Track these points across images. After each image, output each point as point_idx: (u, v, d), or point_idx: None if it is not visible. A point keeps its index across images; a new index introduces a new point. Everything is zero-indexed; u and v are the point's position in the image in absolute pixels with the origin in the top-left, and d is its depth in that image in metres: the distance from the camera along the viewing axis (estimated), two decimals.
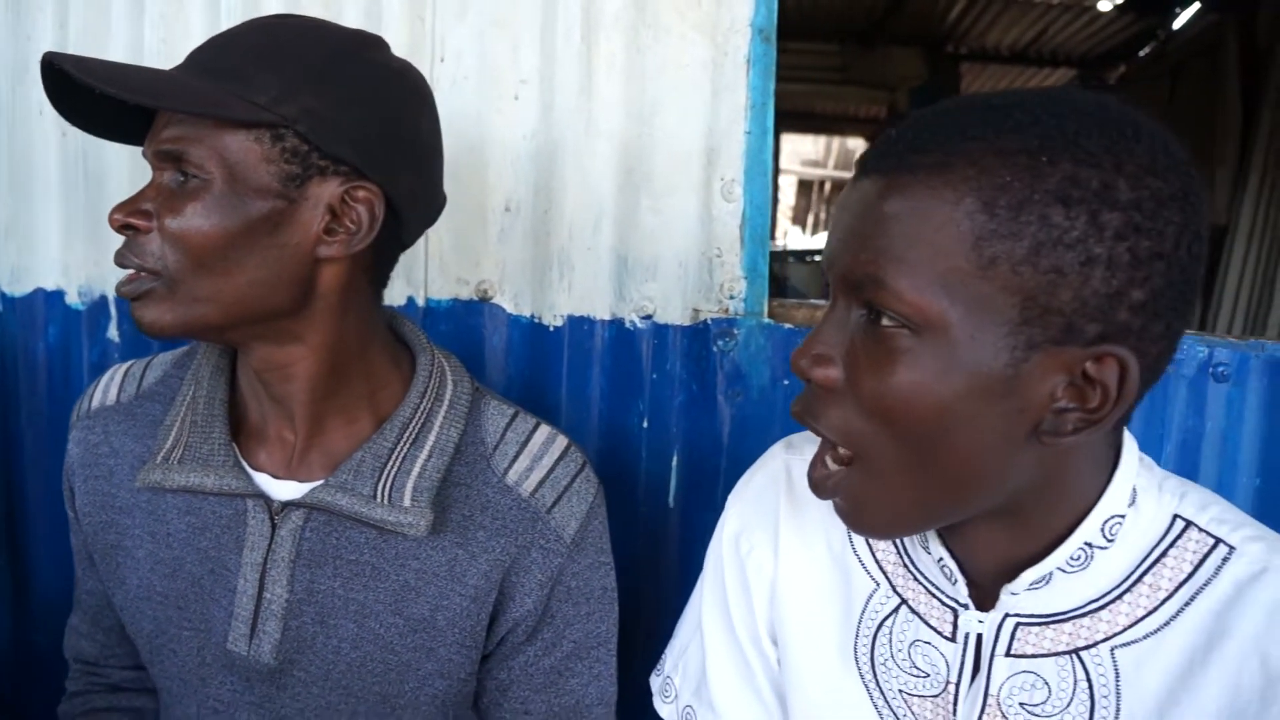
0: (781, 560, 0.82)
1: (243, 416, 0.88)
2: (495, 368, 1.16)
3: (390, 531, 0.83)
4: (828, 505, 0.74)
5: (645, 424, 1.13)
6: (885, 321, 0.61)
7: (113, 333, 1.27)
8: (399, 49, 1.11)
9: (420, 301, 1.16)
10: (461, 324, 1.15)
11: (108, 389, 0.94)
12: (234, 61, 0.76)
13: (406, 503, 0.81)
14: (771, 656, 0.84)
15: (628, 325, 1.12)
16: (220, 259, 0.74)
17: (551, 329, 1.13)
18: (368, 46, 0.81)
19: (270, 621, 0.84)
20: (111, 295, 1.26)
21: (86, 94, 0.75)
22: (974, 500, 0.65)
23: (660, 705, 0.92)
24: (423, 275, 1.16)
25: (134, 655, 1.02)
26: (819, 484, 0.69)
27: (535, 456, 0.88)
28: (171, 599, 0.88)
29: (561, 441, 0.90)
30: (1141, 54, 5.24)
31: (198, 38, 1.17)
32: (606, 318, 1.12)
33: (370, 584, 0.84)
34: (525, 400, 1.15)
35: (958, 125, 0.61)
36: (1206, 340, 1.04)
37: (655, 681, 0.93)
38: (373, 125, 0.78)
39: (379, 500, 0.81)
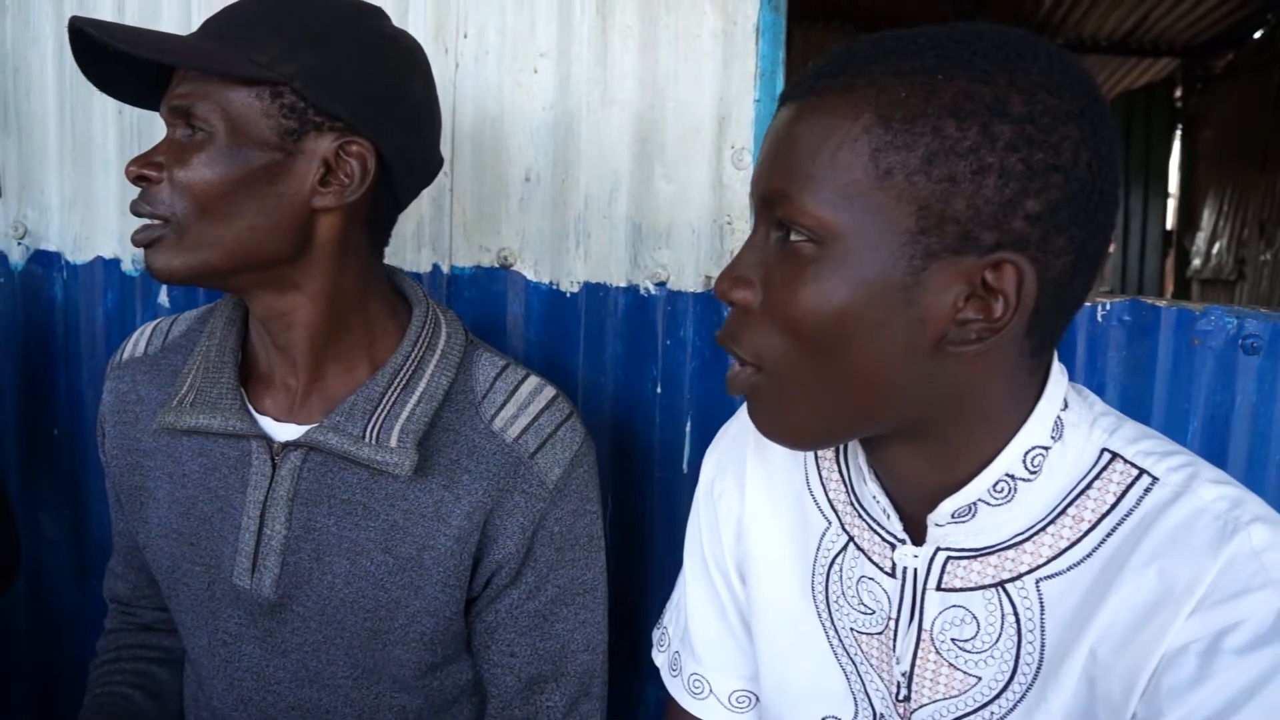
0: (747, 502, 0.91)
1: (253, 364, 1.02)
2: (515, 333, 1.29)
3: (380, 472, 0.96)
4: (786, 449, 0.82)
5: (659, 389, 1.25)
6: (794, 237, 0.69)
7: (163, 298, 1.45)
8: (425, 27, 1.27)
9: (445, 269, 1.30)
10: (484, 291, 1.29)
11: (138, 342, 1.10)
12: (239, 26, 0.90)
13: (393, 443, 0.94)
14: (741, 595, 0.93)
15: (642, 292, 1.24)
16: (222, 205, 0.88)
17: (569, 295, 1.26)
18: (365, 15, 0.95)
19: (270, 557, 0.97)
20: None
21: (114, 62, 0.91)
22: (879, 412, 0.71)
23: (656, 655, 1.02)
24: (447, 243, 1.29)
25: (161, 596, 1.17)
26: (731, 380, 0.75)
27: (522, 405, 1.00)
28: (186, 536, 1.03)
29: (549, 391, 1.01)
30: (1255, 37, 5.09)
31: None
32: (622, 284, 1.24)
33: (362, 522, 0.97)
34: (544, 365, 1.28)
35: (865, 52, 0.69)
36: (1236, 311, 1.10)
37: (655, 634, 1.03)
38: (365, 85, 0.91)
39: (367, 440, 0.94)
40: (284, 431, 1.00)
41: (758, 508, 0.91)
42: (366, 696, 1.03)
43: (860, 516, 0.83)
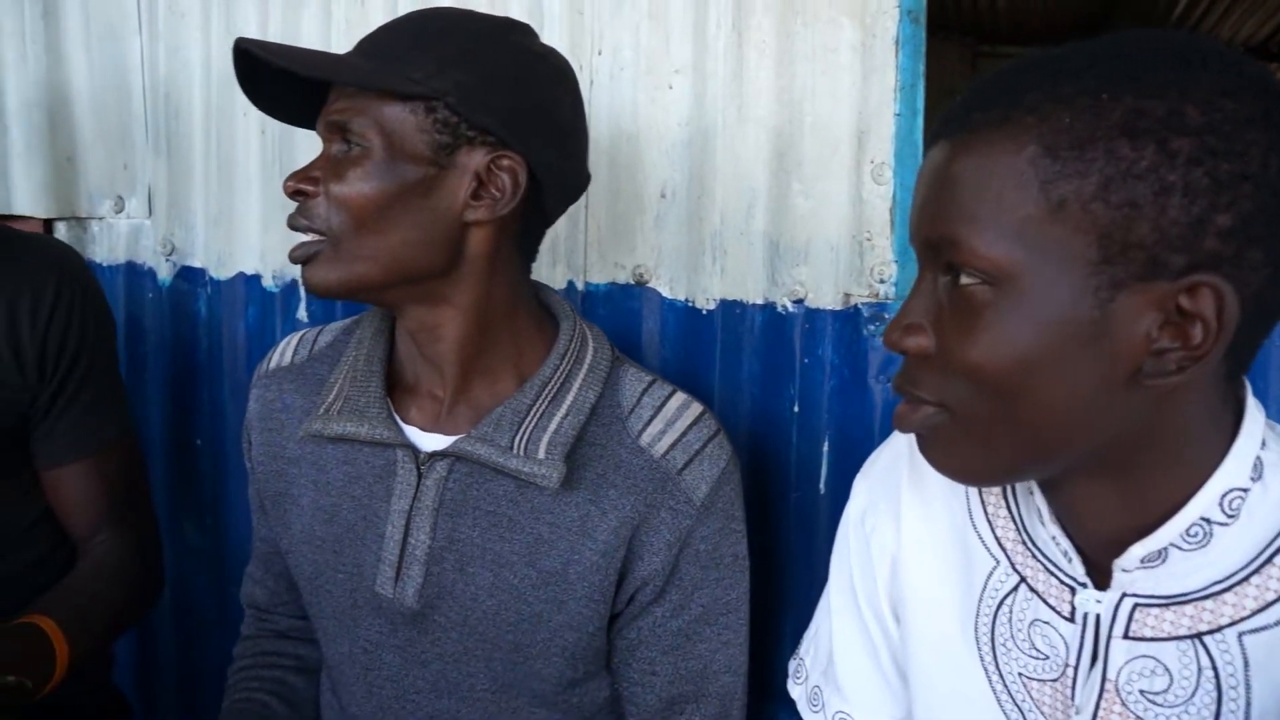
0: (903, 536, 0.92)
1: (399, 375, 1.10)
2: (651, 351, 1.35)
3: (526, 485, 1.02)
4: (948, 481, 0.83)
5: (796, 409, 1.29)
6: (965, 280, 0.69)
7: (302, 314, 1.56)
8: (559, 43, 1.34)
9: (580, 285, 1.37)
10: (619, 307, 1.36)
11: (284, 352, 1.19)
12: (393, 43, 0.98)
13: (541, 455, 1.00)
14: (894, 634, 0.94)
15: (779, 309, 1.29)
16: (378, 219, 0.96)
17: (705, 313, 1.32)
18: (515, 31, 1.02)
19: (414, 566, 1.04)
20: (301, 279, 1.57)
21: (271, 83, 1.00)
22: (1067, 451, 0.71)
23: (792, 687, 1.06)
24: (582, 260, 1.37)
25: (300, 604, 1.26)
26: (902, 418, 0.76)
27: (669, 420, 1.05)
28: (329, 543, 1.10)
29: (696, 407, 1.07)
30: None
31: None
32: (759, 302, 1.29)
33: (506, 535, 1.03)
34: (679, 384, 1.33)
35: (1015, 79, 0.69)
36: None
37: (792, 664, 1.07)
38: (516, 100, 0.98)
39: (515, 451, 1.00)
40: (430, 441, 1.07)
41: (914, 542, 0.92)
42: (505, 710, 1.09)
43: (1035, 557, 0.82)
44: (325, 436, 1.08)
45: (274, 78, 0.99)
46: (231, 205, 1.60)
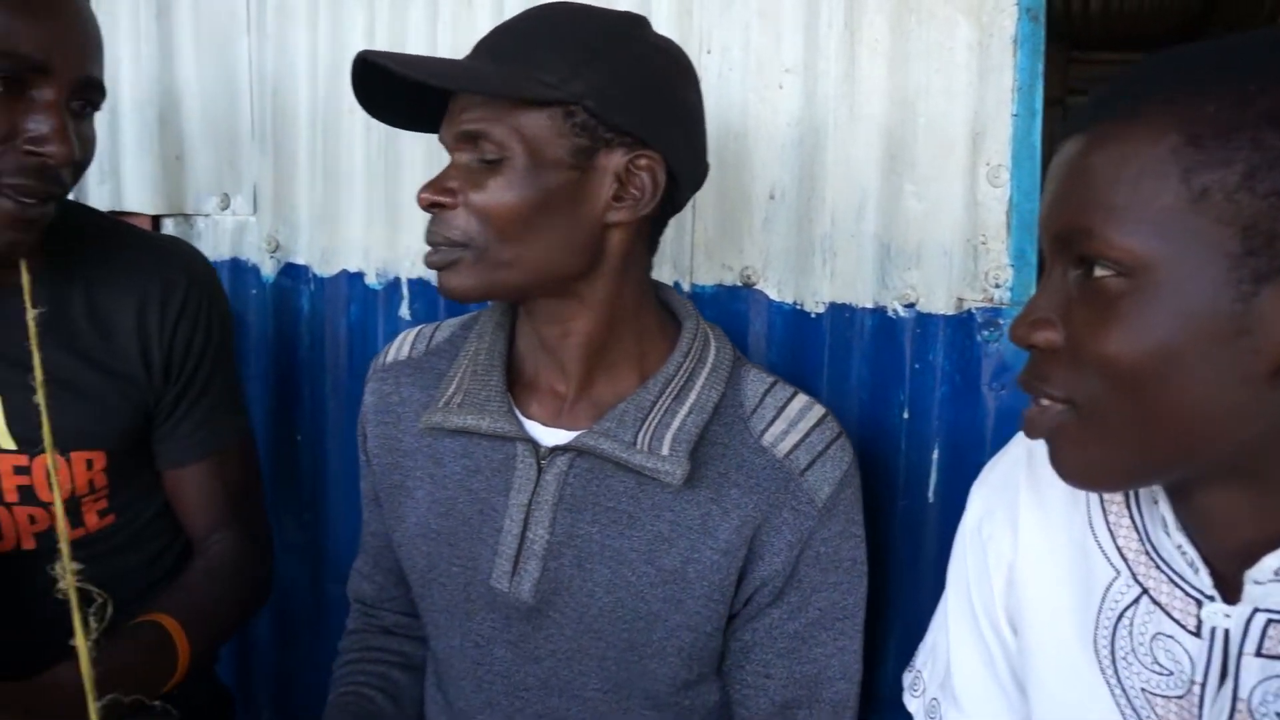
0: (1021, 545, 0.91)
1: (519, 369, 1.11)
2: (757, 354, 1.35)
3: (648, 481, 1.03)
4: (1069, 491, 0.82)
5: (906, 415, 1.28)
6: (1099, 272, 0.69)
7: (404, 311, 1.58)
8: None
9: (686, 286, 1.37)
10: (725, 309, 1.35)
11: (401, 346, 1.22)
12: (520, 47, 0.98)
13: (665, 451, 1.01)
14: (1012, 645, 0.94)
15: (890, 313, 1.28)
16: (522, 227, 0.97)
17: (813, 316, 1.31)
18: (635, 25, 1.02)
19: (531, 561, 1.06)
20: (405, 277, 1.57)
21: (385, 90, 1.00)
22: (1200, 452, 0.70)
23: (908, 700, 1.05)
24: (689, 261, 1.37)
25: (407, 600, 1.29)
26: (1032, 421, 0.76)
27: (792, 421, 1.06)
28: (444, 536, 1.12)
29: (818, 409, 1.07)
30: None
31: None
32: (869, 305, 1.28)
33: (626, 532, 1.04)
34: None
35: (1151, 73, 0.69)
36: None
37: (907, 677, 1.07)
38: (648, 97, 0.99)
39: (639, 447, 1.01)
40: (550, 436, 1.08)
41: (1032, 552, 0.91)
42: (615, 711, 1.10)
43: (1158, 567, 0.81)
44: (444, 429, 1.10)
45: (388, 85, 1.00)
46: (336, 203, 1.63)
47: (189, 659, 1.19)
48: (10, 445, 1.20)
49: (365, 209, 1.61)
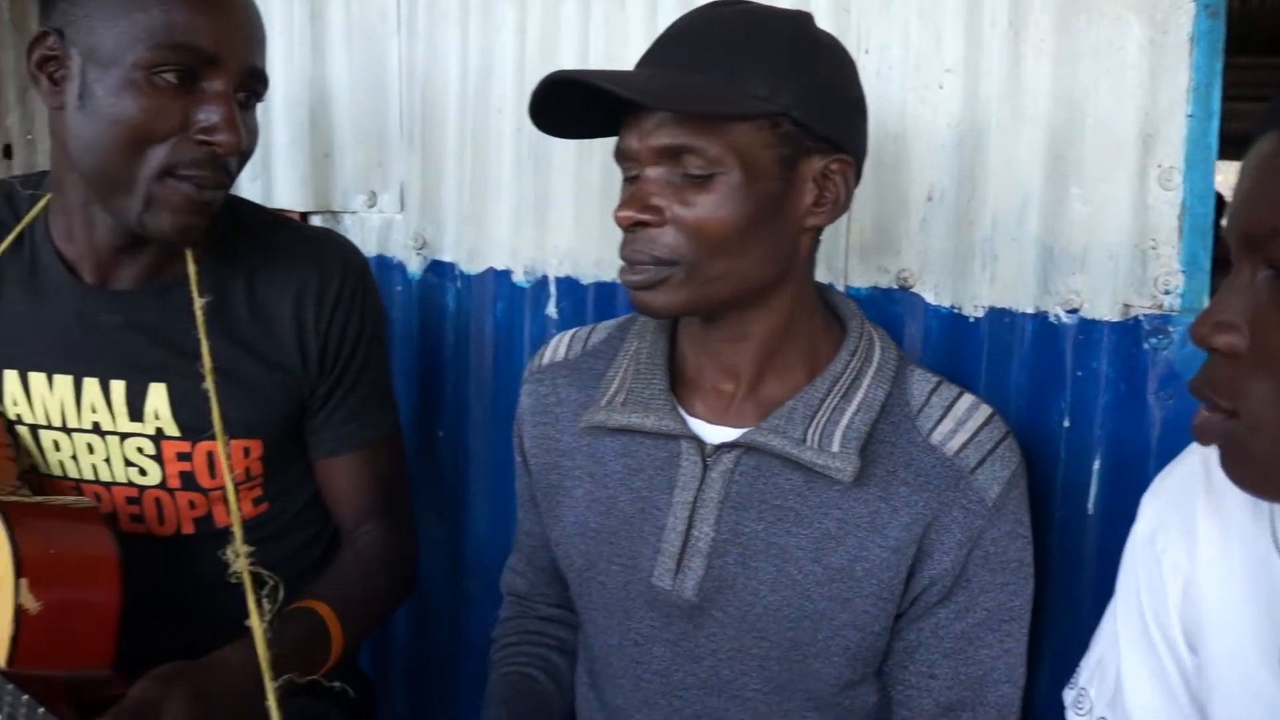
0: (1199, 559, 0.89)
1: (680, 368, 1.13)
2: (912, 357, 1.32)
3: (816, 479, 1.04)
4: (1250, 503, 0.82)
5: (1066, 423, 1.26)
6: None
7: (551, 310, 1.61)
8: None
9: (840, 288, 1.36)
10: (880, 312, 1.35)
11: (557, 348, 1.25)
12: (720, 58, 0.98)
13: (835, 448, 1.02)
14: (1189, 664, 0.92)
15: (1051, 319, 1.26)
16: (736, 241, 0.98)
17: (971, 320, 1.30)
18: (809, 25, 1.03)
19: (695, 559, 1.07)
20: (552, 275, 1.60)
21: (556, 102, 1.02)
22: None
23: (1072, 718, 1.03)
24: (843, 263, 1.37)
25: (560, 595, 1.32)
26: (1202, 428, 0.75)
27: (959, 420, 1.06)
28: (604, 535, 1.14)
29: (985, 408, 1.07)
30: None
31: (636, 39, 1.48)
32: (1029, 310, 1.27)
33: (792, 529, 1.05)
34: None
35: None
36: None
37: (1069, 695, 1.04)
38: (838, 100, 1.01)
39: (809, 444, 1.02)
40: (714, 434, 1.10)
41: (1211, 566, 0.90)
42: (775, 712, 1.11)
43: None
44: (607, 428, 1.12)
45: (562, 98, 1.01)
46: (484, 201, 1.67)
47: (341, 647, 1.23)
48: (175, 432, 1.25)
49: (514, 207, 1.64)
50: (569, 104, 1.02)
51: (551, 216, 1.61)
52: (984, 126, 1.28)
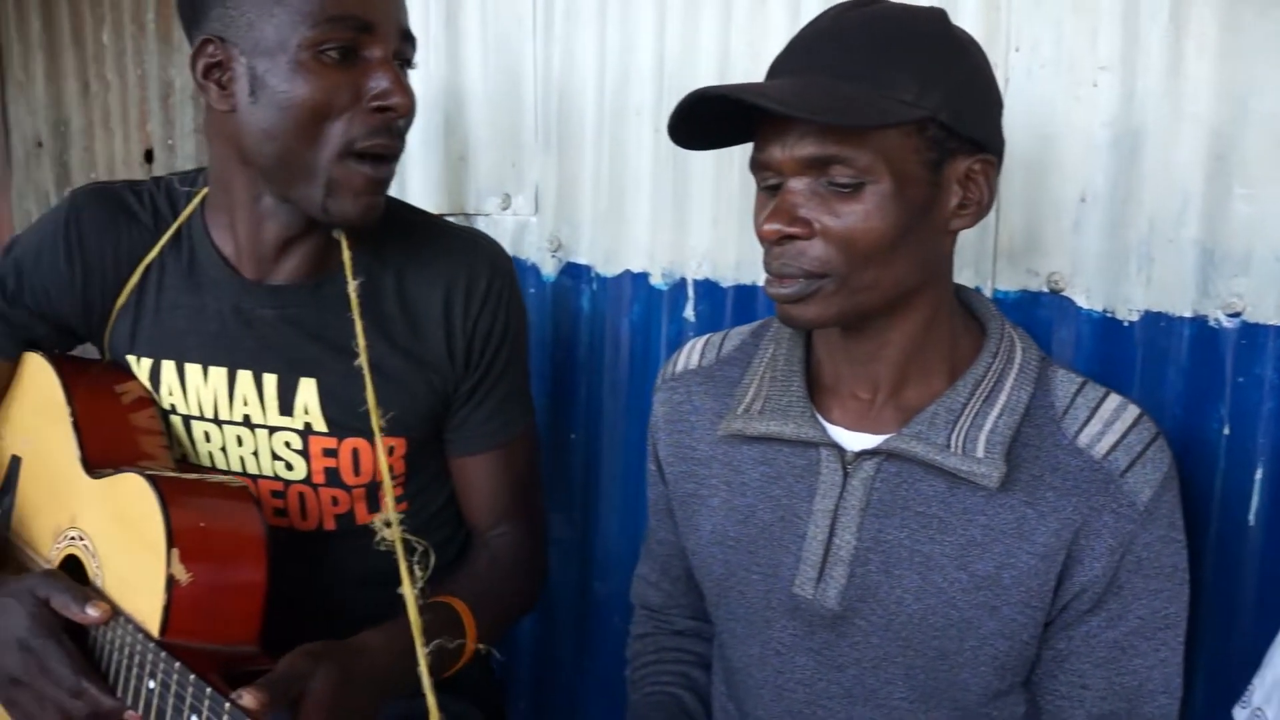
0: None
1: (817, 375, 1.13)
2: (1062, 361, 1.32)
3: (960, 484, 1.03)
4: None
5: (1226, 431, 1.23)
6: None
7: (689, 312, 1.62)
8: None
9: (987, 291, 1.35)
10: (1028, 316, 1.33)
11: (690, 355, 1.25)
12: (861, 62, 0.97)
13: (979, 454, 1.01)
14: None
15: (1211, 323, 1.23)
16: (887, 251, 0.97)
17: (1125, 324, 1.28)
18: (948, 22, 1.02)
19: (837, 568, 1.07)
20: (690, 278, 1.61)
21: (690, 118, 1.02)
22: None
23: None
24: (990, 265, 1.36)
25: (695, 606, 1.32)
26: None
27: (1107, 421, 1.04)
28: (742, 544, 1.14)
29: (1134, 409, 1.05)
30: None
31: (777, 40, 1.48)
32: (1187, 314, 1.24)
33: (936, 537, 1.04)
34: None
35: None
36: None
37: (1241, 714, 1.03)
38: (980, 98, 1.00)
39: (953, 449, 1.01)
40: (854, 440, 1.09)
41: None
42: None
43: None
44: (745, 436, 1.12)
45: (696, 110, 1.01)
46: (621, 203, 1.69)
47: (475, 643, 1.25)
48: (322, 428, 1.30)
49: (651, 209, 1.66)
50: (702, 115, 1.02)
51: (691, 218, 1.62)
52: (1141, 125, 1.26)
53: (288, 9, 1.12)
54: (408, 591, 1.06)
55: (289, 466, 1.32)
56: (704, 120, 1.03)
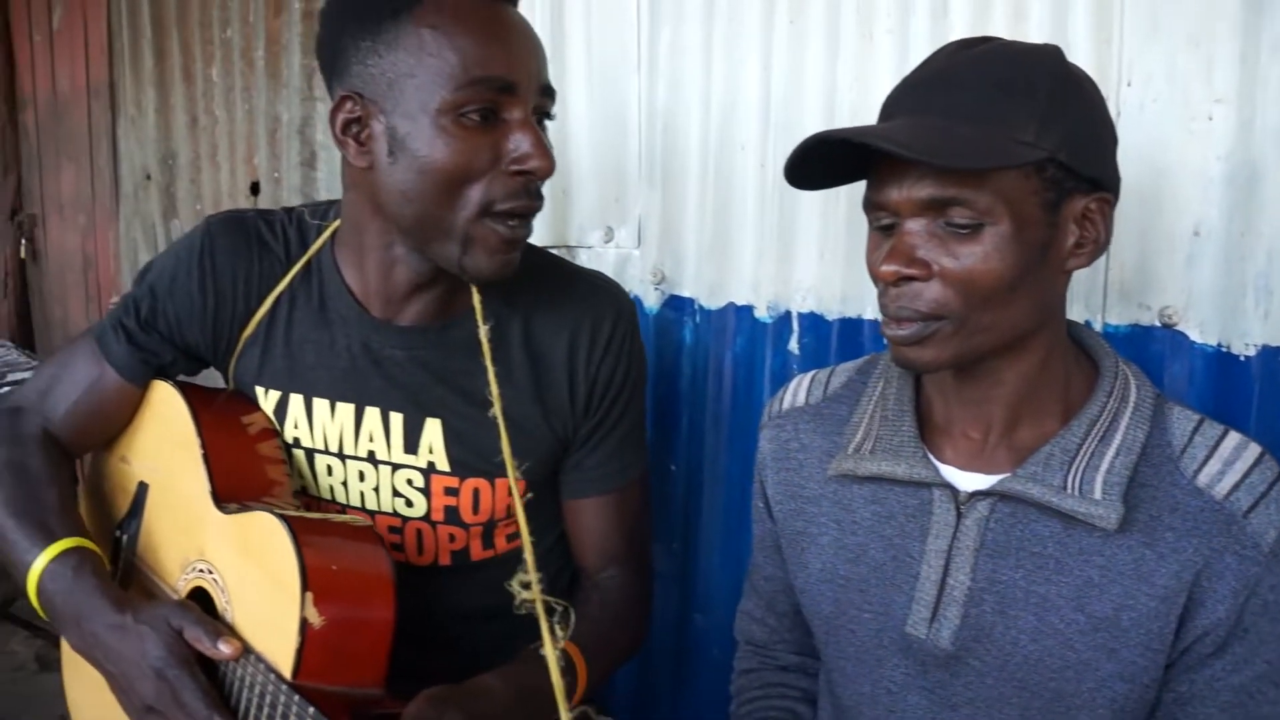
0: None
1: (927, 414, 1.13)
2: (1174, 397, 1.32)
3: (1075, 526, 1.03)
4: None
5: None
6: None
7: (793, 345, 1.64)
8: None
9: (1098, 326, 1.36)
10: (1140, 350, 1.33)
11: (796, 393, 1.26)
12: (979, 102, 0.97)
13: (1097, 495, 1.00)
14: None
15: None
16: (1006, 292, 0.97)
17: (1241, 359, 1.28)
18: (1063, 59, 1.02)
19: (951, 608, 1.07)
20: (795, 311, 1.64)
21: (808, 155, 1.02)
22: None
23: None
24: (1101, 300, 1.36)
25: (801, 641, 1.33)
26: None
27: (1227, 461, 1.02)
28: (853, 582, 1.15)
29: (1255, 447, 1.03)
30: None
31: (885, 75, 1.50)
32: None
33: (1052, 577, 1.04)
34: None
35: None
36: None
37: None
38: (1101, 138, 1.00)
39: (1069, 491, 1.01)
40: (967, 481, 1.09)
41: None
42: None
43: None
44: (856, 476, 1.14)
45: (810, 151, 1.02)
46: (726, 236, 1.72)
47: (585, 689, 1.27)
48: (445, 467, 1.32)
49: (756, 243, 1.68)
50: (816, 156, 1.03)
51: (796, 251, 1.64)
52: (1259, 158, 1.26)
53: (429, 70, 1.12)
54: (549, 653, 1.07)
55: (409, 503, 1.35)
56: (817, 160, 1.04)
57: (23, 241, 4.25)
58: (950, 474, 1.11)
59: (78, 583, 1.21)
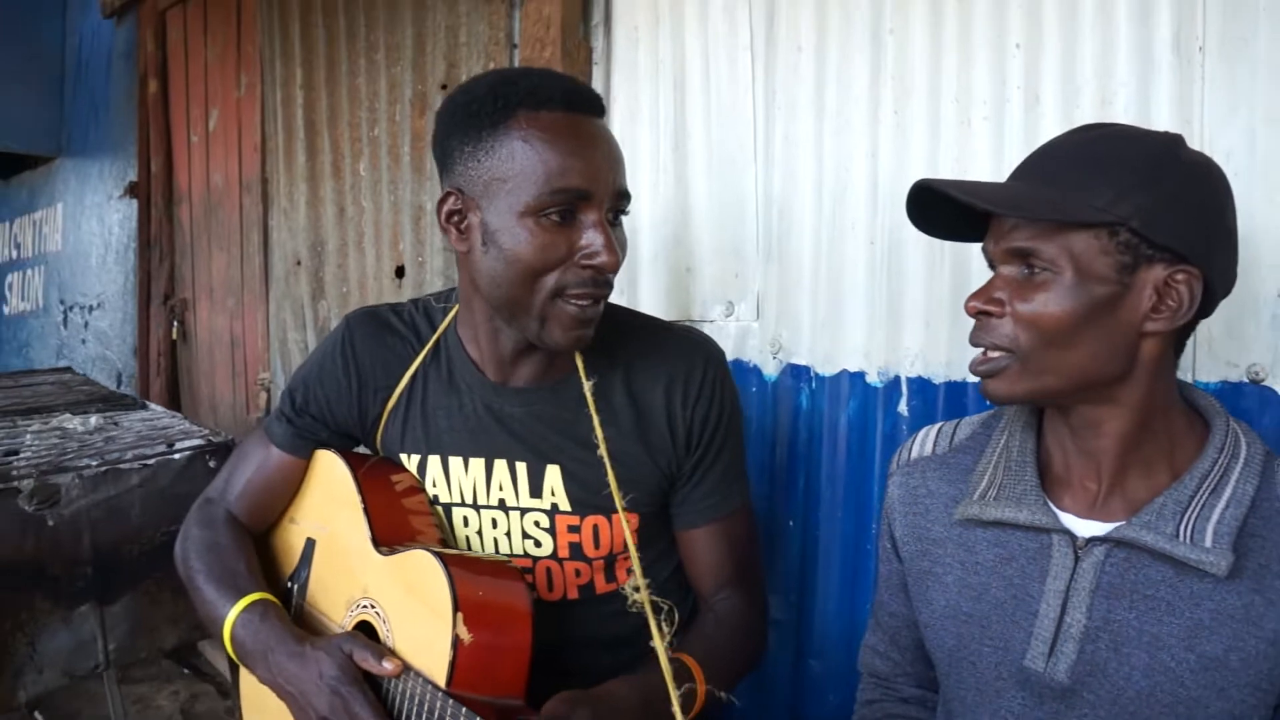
0: None
1: (1047, 464, 1.23)
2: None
3: (1187, 572, 1.11)
4: None
5: None
6: None
7: (902, 408, 1.76)
8: None
9: (1188, 381, 1.46)
10: (1232, 406, 1.39)
11: (924, 443, 1.37)
12: (1066, 171, 1.10)
13: (1208, 543, 1.08)
14: None
15: None
16: (1067, 336, 1.09)
17: None
18: (1173, 145, 1.11)
19: (1068, 644, 1.16)
20: (904, 375, 1.76)
21: (928, 206, 1.17)
22: None
23: None
24: (1190, 358, 1.46)
25: (922, 675, 1.42)
26: None
27: None
28: (975, 619, 1.24)
29: None
30: None
31: (982, 160, 1.63)
32: None
33: (1164, 618, 1.12)
34: None
35: None
36: None
37: None
38: (1190, 215, 1.08)
39: (1181, 539, 1.10)
40: (1084, 527, 1.19)
41: None
42: None
43: None
44: (981, 520, 1.25)
45: (934, 203, 1.16)
46: (839, 308, 1.86)
47: (703, 702, 1.38)
48: (567, 507, 1.49)
49: (867, 314, 1.82)
50: (940, 210, 1.18)
51: (904, 320, 1.77)
52: None
53: (518, 178, 1.29)
54: (658, 642, 1.22)
55: (537, 544, 1.51)
56: (937, 216, 1.20)
57: (174, 324, 4.56)
58: (1068, 520, 1.20)
59: (264, 625, 1.42)
